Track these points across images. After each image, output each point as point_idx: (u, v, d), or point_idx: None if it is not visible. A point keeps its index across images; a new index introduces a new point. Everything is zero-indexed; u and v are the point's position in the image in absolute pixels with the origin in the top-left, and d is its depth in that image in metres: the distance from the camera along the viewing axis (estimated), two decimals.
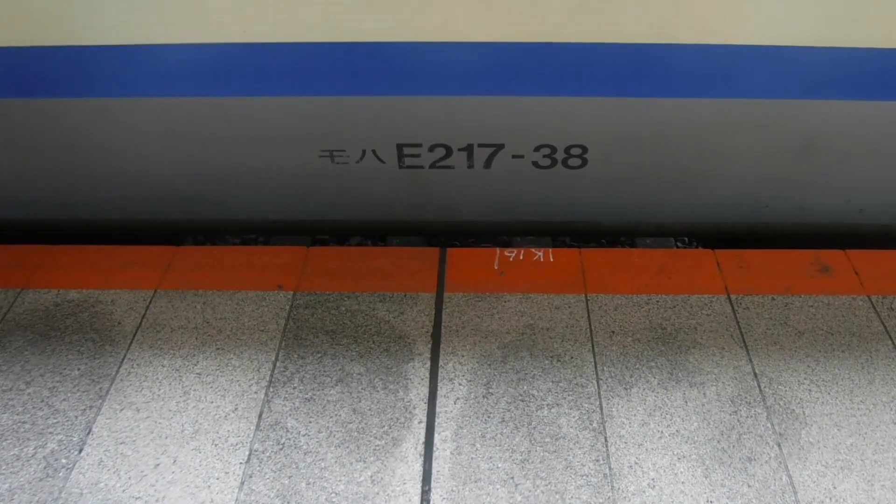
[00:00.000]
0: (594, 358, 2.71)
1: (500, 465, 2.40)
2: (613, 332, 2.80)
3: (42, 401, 2.60)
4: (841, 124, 2.78)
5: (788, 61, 2.58)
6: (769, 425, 2.52)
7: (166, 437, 2.48)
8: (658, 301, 2.92)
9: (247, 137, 2.90)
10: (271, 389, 2.62)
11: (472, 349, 2.75)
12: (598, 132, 2.83)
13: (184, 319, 2.88)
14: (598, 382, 2.64)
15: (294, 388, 2.63)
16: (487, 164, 3.01)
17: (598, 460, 2.41)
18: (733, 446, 2.46)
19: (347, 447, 2.45)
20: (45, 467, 2.40)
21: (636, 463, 2.41)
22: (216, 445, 2.46)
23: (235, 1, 2.49)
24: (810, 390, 2.62)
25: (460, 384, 2.63)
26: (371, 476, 2.37)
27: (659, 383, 2.63)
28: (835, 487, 2.36)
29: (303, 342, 2.79)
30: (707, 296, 2.94)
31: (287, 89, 2.70)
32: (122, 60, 2.65)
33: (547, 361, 2.70)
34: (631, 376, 2.66)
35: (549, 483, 2.35)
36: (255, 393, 2.61)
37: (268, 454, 2.43)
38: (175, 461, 2.41)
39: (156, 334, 2.82)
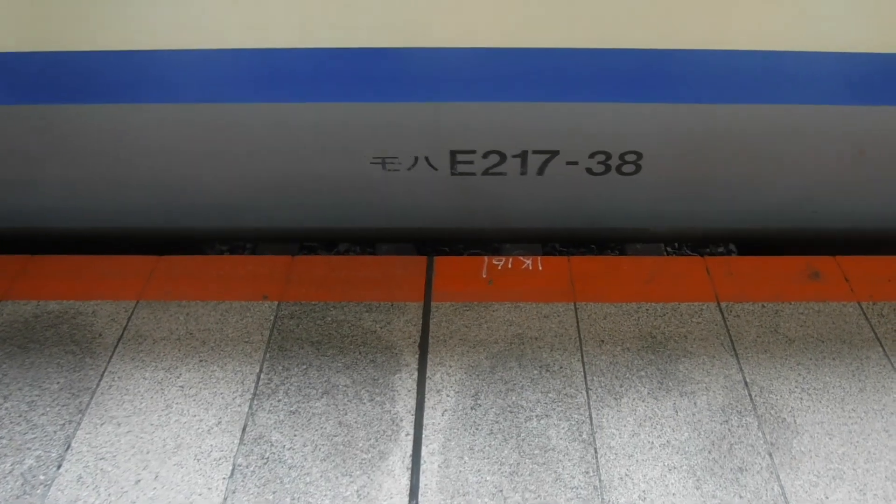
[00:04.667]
0: (583, 368, 2.68)
1: (488, 479, 2.35)
2: (603, 341, 2.77)
3: (20, 415, 2.54)
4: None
5: (842, 67, 2.56)
6: (760, 435, 2.49)
7: (148, 452, 2.43)
8: (648, 309, 2.89)
9: (298, 144, 2.84)
10: (255, 402, 2.58)
11: (460, 359, 2.71)
12: (654, 138, 2.80)
13: (166, 331, 2.82)
14: (587, 392, 2.60)
15: (279, 400, 2.58)
16: (541, 170, 2.96)
17: (587, 472, 2.38)
18: (724, 456, 2.42)
19: (333, 461, 2.40)
20: (22, 484, 2.34)
21: (626, 475, 2.37)
22: (199, 460, 2.41)
23: (291, 6, 2.44)
24: (801, 399, 2.60)
25: (448, 395, 2.59)
26: (357, 490, 2.32)
27: (649, 393, 2.60)
28: (827, 497, 2.33)
29: (288, 353, 2.74)
30: (697, 303, 2.92)
31: (341, 95, 2.65)
32: (172, 66, 2.59)
33: (536, 371, 2.66)
34: (621, 386, 2.62)
35: (539, 496, 2.31)
36: (239, 406, 2.56)
37: (252, 469, 2.38)
38: (157, 477, 2.36)
39: (137, 346, 2.77)
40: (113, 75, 2.60)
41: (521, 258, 3.05)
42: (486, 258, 3.06)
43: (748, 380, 2.65)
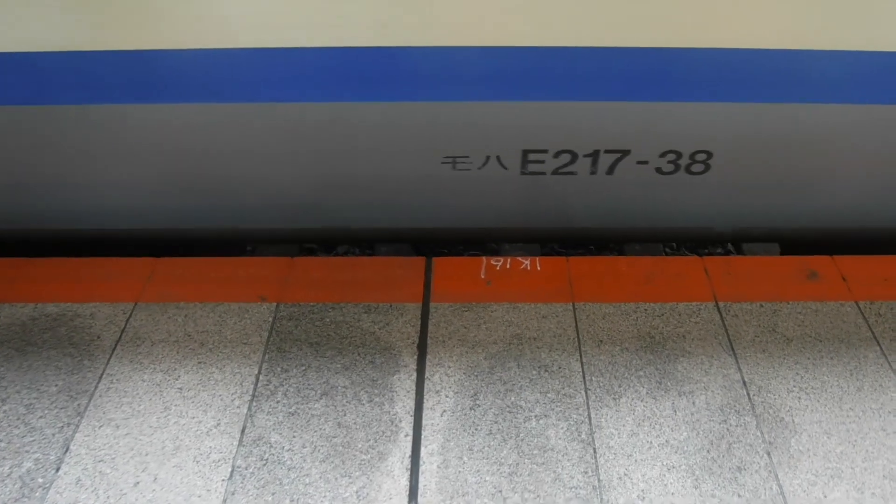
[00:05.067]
0: (582, 368, 2.68)
1: (487, 479, 2.36)
2: (601, 341, 2.77)
3: (18, 418, 2.54)
4: None
5: None
6: (759, 434, 2.49)
7: (147, 455, 2.43)
8: (646, 309, 2.89)
9: (369, 144, 2.84)
10: (254, 404, 2.58)
11: (459, 360, 2.71)
12: (725, 137, 2.83)
13: (164, 333, 2.82)
14: (586, 392, 2.60)
15: (278, 402, 2.58)
16: (610, 170, 2.97)
17: (587, 472, 2.38)
18: (723, 456, 2.43)
19: (332, 462, 2.40)
20: (20, 487, 2.34)
21: (625, 474, 2.38)
22: (198, 462, 2.41)
23: (365, 5, 2.45)
24: (799, 398, 2.60)
25: (447, 396, 2.59)
26: (357, 491, 2.32)
27: (648, 393, 2.61)
28: (825, 496, 2.33)
29: (286, 355, 2.74)
30: (695, 303, 2.92)
31: (416, 94, 2.65)
32: (242, 65, 2.60)
33: (535, 372, 2.67)
34: (619, 386, 2.63)
35: (538, 496, 2.31)
36: (238, 407, 2.56)
37: (251, 470, 2.38)
38: (156, 479, 2.36)
39: (136, 348, 2.77)
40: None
41: (520, 259, 3.06)
42: (484, 259, 3.07)
43: (746, 379, 2.65)
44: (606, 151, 2.89)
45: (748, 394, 2.61)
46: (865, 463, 2.42)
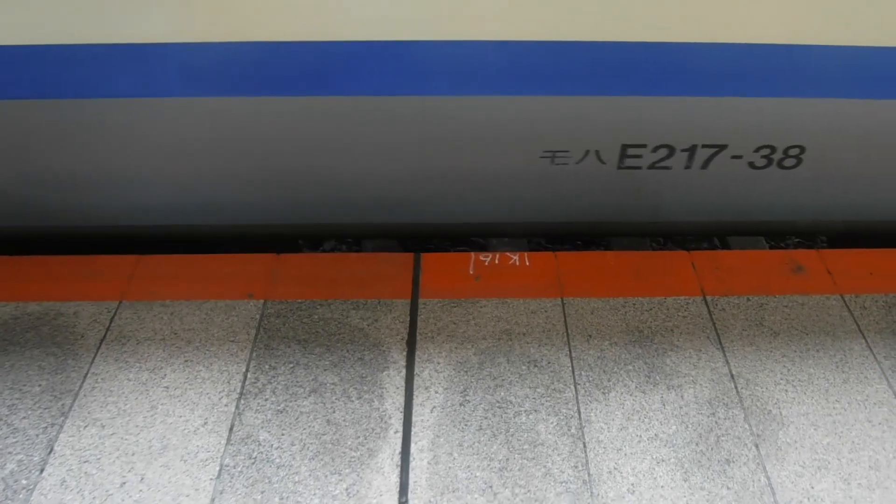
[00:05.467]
0: (571, 362, 2.68)
1: (478, 474, 2.35)
2: (590, 335, 2.78)
3: (0, 419, 2.50)
4: None
5: None
6: (747, 426, 2.50)
7: (133, 455, 2.40)
8: (634, 304, 2.90)
9: (469, 138, 2.83)
10: (242, 402, 2.55)
11: (448, 356, 2.70)
12: (819, 132, 2.87)
13: (150, 331, 2.79)
14: (575, 387, 2.60)
15: (266, 399, 2.56)
16: (705, 164, 3.01)
17: (577, 466, 2.38)
18: (712, 448, 2.44)
19: (322, 459, 2.39)
20: (3, 489, 2.30)
21: (615, 468, 2.38)
22: (185, 461, 2.38)
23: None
24: (787, 390, 2.62)
25: (436, 392, 2.59)
26: (346, 489, 2.31)
27: (637, 387, 2.61)
28: (812, 487, 2.35)
29: (274, 352, 2.72)
30: (683, 298, 2.93)
31: (527, 89, 2.65)
32: (350, 57, 2.59)
33: (524, 367, 2.66)
34: (608, 380, 2.63)
35: (529, 491, 2.31)
36: (226, 406, 2.54)
37: (239, 469, 2.36)
38: (142, 479, 2.33)
39: (121, 347, 2.74)
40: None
41: (509, 254, 3.05)
42: (472, 254, 3.06)
43: (734, 372, 2.66)
44: (704, 146, 2.93)
45: (736, 387, 2.62)
46: (852, 454, 2.44)
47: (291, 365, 2.67)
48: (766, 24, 2.51)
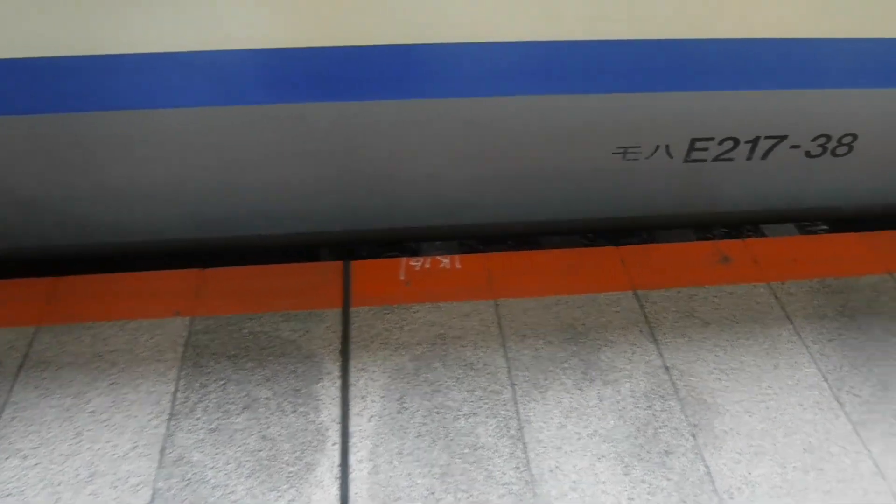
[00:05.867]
0: (507, 363, 2.67)
1: (419, 482, 2.32)
2: (525, 335, 2.77)
3: None
4: None
5: None
6: (683, 417, 2.53)
7: (59, 484, 2.29)
8: (567, 301, 2.91)
9: (543, 136, 2.90)
10: (173, 422, 2.47)
11: (384, 364, 2.66)
12: (871, 120, 3.05)
13: (72, 355, 2.68)
14: (513, 388, 2.59)
15: (197, 418, 2.48)
16: (765, 155, 3.14)
17: (518, 467, 2.37)
18: (650, 441, 2.45)
19: (259, 477, 2.32)
20: None
21: (556, 467, 2.37)
22: (115, 488, 2.29)
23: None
24: (720, 379, 2.65)
25: (373, 401, 2.54)
26: None
27: (574, 384, 2.61)
28: (750, 473, 2.38)
29: (204, 370, 2.64)
30: (615, 293, 2.95)
31: (611, 86, 2.75)
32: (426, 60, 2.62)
33: (460, 371, 2.64)
34: (545, 379, 2.62)
35: (471, 495, 2.29)
36: (156, 427, 2.45)
37: (173, 492, 2.28)
38: None
39: (41, 373, 2.62)
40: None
41: (439, 258, 3.03)
42: (403, 259, 3.03)
43: (669, 364, 2.69)
44: (766, 137, 3.06)
45: (671, 378, 2.64)
46: (786, 438, 2.49)
47: (222, 382, 2.60)
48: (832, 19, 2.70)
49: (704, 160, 3.12)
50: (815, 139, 3.10)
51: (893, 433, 2.54)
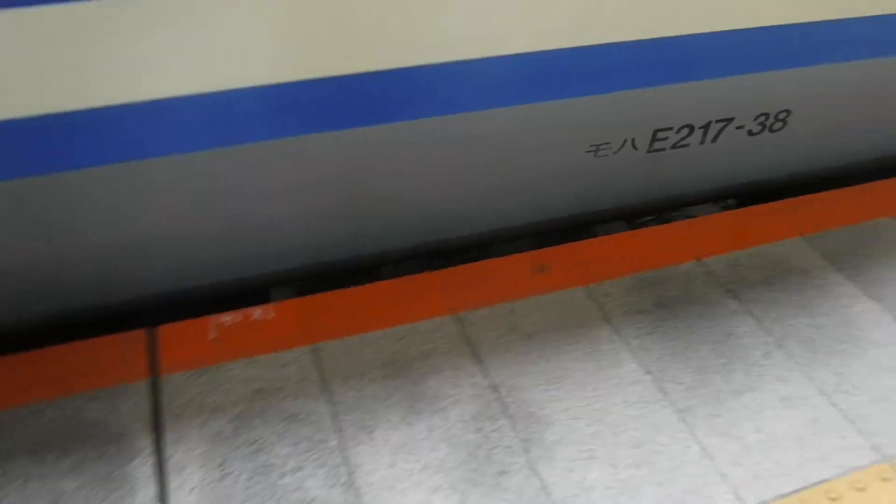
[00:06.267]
0: (331, 409, 2.57)
1: None
2: (347, 377, 2.68)
3: None
4: None
5: None
6: (514, 434, 2.50)
7: None
8: (388, 334, 2.84)
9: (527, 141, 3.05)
10: None
11: (200, 430, 2.50)
12: (801, 96, 3.39)
13: None
14: (339, 433, 2.49)
15: None
16: (715, 138, 3.42)
17: None
18: (483, 464, 2.41)
19: None
20: None
21: None
22: None
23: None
24: (547, 389, 2.65)
25: (192, 472, 2.38)
26: None
27: (401, 419, 2.54)
28: (584, 479, 2.38)
29: None
30: (436, 319, 2.90)
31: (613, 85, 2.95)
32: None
33: (282, 425, 2.52)
34: (371, 419, 2.54)
35: None
36: None
37: None
38: None
39: None
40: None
41: (251, 309, 2.90)
42: (212, 318, 2.88)
43: (495, 383, 2.66)
44: (717, 121, 3.33)
45: (499, 397, 2.62)
46: (615, 438, 2.50)
47: (22, 480, 2.37)
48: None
49: (664, 149, 3.36)
50: (756, 118, 3.40)
51: (715, 414, 2.60)
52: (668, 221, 3.95)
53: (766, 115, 3.43)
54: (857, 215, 3.57)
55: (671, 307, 2.99)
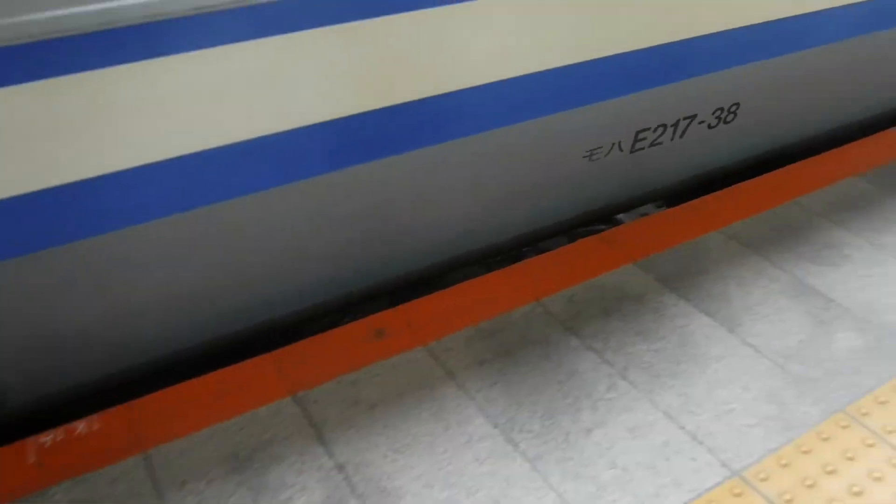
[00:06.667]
0: None
1: None
2: (185, 481, 2.51)
3: None
4: None
5: None
6: None
7: None
8: (227, 428, 2.69)
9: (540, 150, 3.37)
10: None
11: None
12: (749, 89, 3.87)
13: None
14: None
15: None
16: (683, 134, 3.84)
17: None
18: None
19: None
20: None
21: None
22: None
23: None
24: (395, 460, 2.57)
25: None
26: None
27: None
28: None
29: None
30: (274, 403, 2.78)
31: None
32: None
33: None
34: None
35: None
36: None
37: None
38: None
39: None
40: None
41: (75, 423, 2.69)
42: (29, 440, 2.65)
43: (341, 462, 2.56)
44: (683, 119, 3.74)
45: (346, 476, 2.51)
46: (470, 499, 2.45)
47: None
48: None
49: (644, 148, 3.75)
50: (714, 112, 3.85)
51: (567, 457, 2.60)
52: (614, 224, 4.46)
53: (722, 108, 3.87)
54: (685, 234, 3.71)
55: (513, 353, 2.99)
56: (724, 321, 3.17)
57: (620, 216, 4.58)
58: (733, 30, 3.49)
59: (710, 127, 3.92)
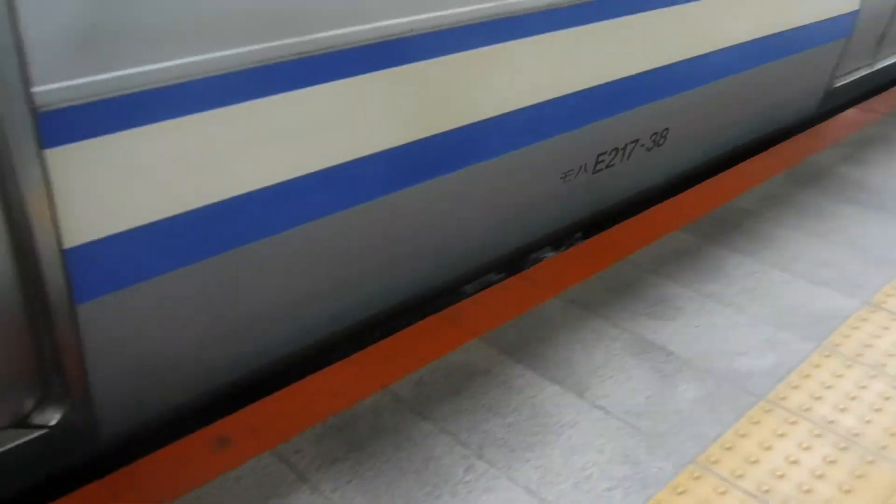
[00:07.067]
0: None
1: None
2: None
3: None
4: None
5: None
6: None
7: None
8: None
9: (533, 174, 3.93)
10: None
11: None
12: (676, 116, 4.59)
13: None
14: None
15: None
16: (629, 156, 4.41)
17: None
18: None
19: None
20: None
21: None
22: None
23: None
24: None
25: None
26: None
27: None
28: None
29: None
30: None
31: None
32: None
33: None
34: None
35: None
36: None
37: None
38: None
39: None
40: None
41: None
42: None
43: None
44: (630, 143, 4.33)
45: None
46: None
47: None
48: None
49: (602, 169, 4.27)
50: (651, 136, 4.47)
51: None
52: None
53: (656, 132, 4.51)
54: (526, 302, 3.75)
55: (365, 447, 2.85)
56: (573, 386, 3.20)
57: (466, 287, 4.62)
58: (668, 65, 4.22)
59: (647, 149, 4.54)
